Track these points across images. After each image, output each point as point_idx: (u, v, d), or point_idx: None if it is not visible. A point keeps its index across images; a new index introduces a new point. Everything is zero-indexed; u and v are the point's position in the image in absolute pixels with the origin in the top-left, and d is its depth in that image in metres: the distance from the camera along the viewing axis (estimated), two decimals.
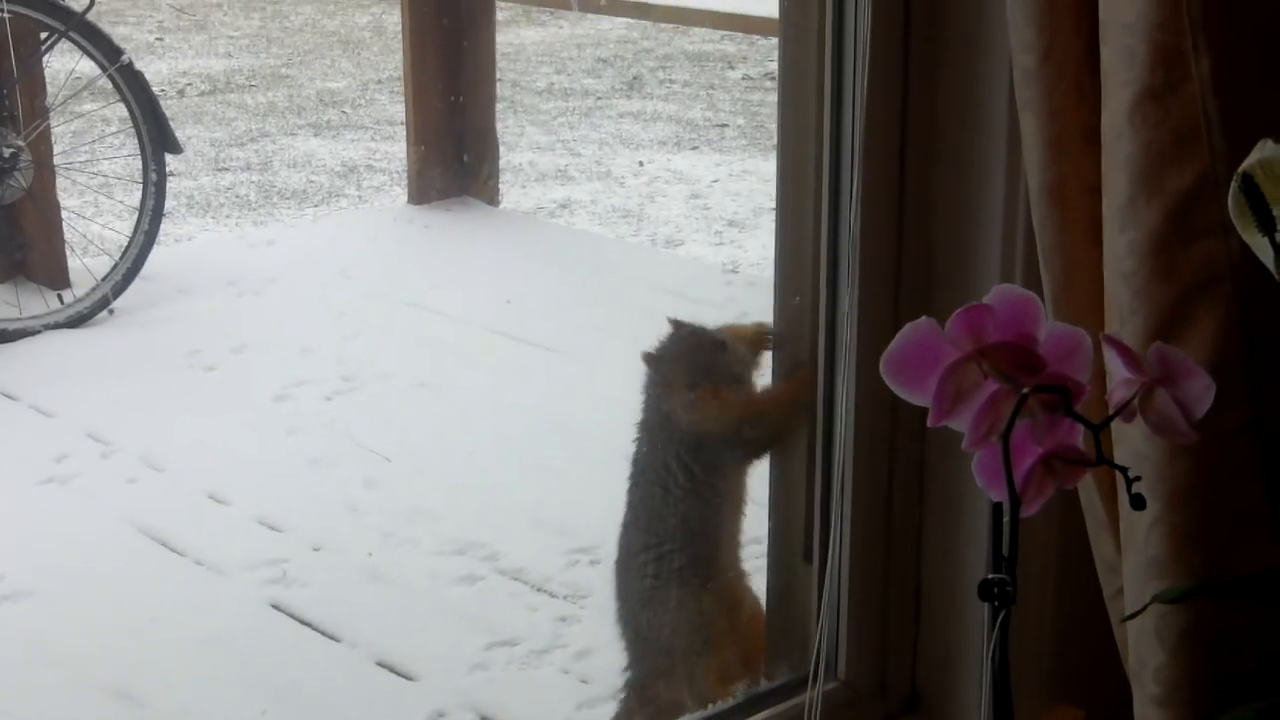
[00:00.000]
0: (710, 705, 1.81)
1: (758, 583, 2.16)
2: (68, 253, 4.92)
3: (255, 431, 3.97)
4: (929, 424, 1.37)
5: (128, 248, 4.69)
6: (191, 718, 2.81)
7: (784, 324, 1.78)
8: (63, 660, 2.98)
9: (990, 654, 1.27)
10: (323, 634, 3.08)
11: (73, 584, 3.26)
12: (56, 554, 3.37)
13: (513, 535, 3.43)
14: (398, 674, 2.94)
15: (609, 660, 2.96)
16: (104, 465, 3.79)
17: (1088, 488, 1.61)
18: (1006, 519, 1.31)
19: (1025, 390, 1.33)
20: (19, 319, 4.52)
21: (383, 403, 4.14)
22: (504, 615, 3.14)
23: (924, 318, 1.36)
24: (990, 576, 1.27)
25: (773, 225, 1.77)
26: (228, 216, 6.21)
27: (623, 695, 2.41)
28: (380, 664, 2.97)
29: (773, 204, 1.75)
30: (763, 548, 3.24)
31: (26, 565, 3.30)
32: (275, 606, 3.18)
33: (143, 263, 4.71)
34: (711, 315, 4.60)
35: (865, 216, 1.60)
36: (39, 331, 4.49)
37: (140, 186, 4.77)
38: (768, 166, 6.59)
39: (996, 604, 1.27)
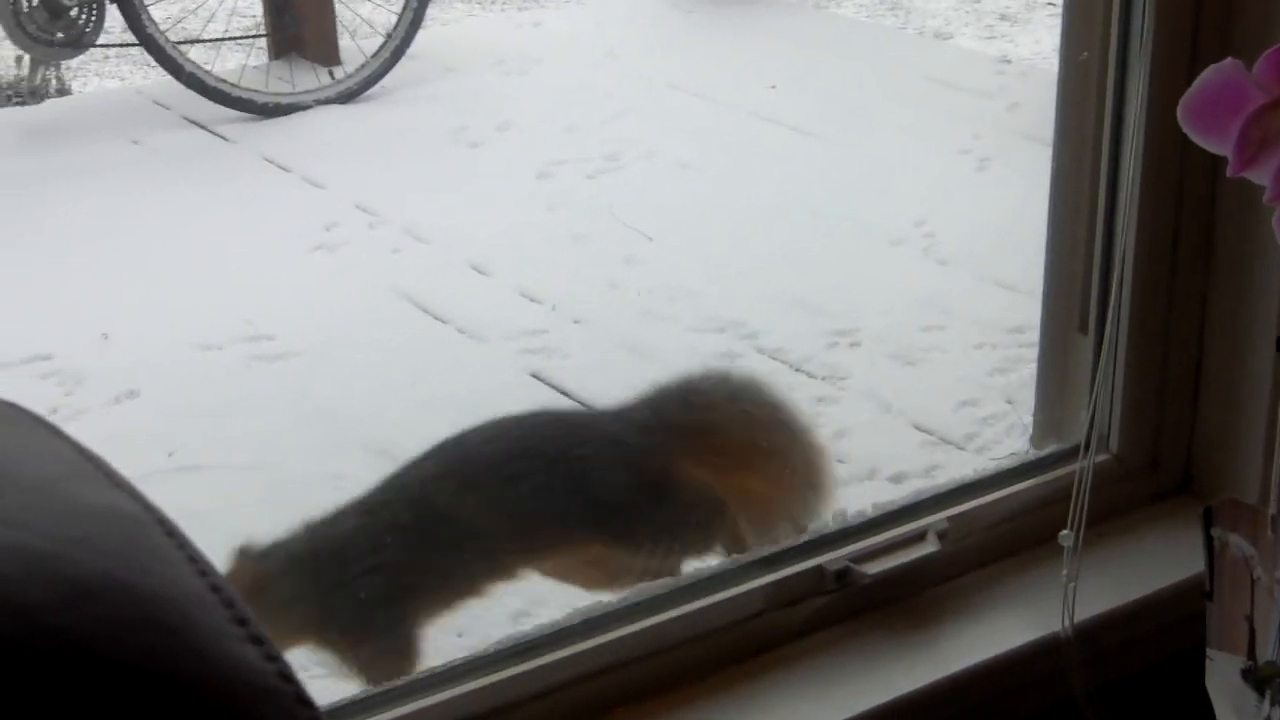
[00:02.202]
0: (976, 470, 1.76)
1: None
2: (339, 31, 4.97)
3: (518, 207, 3.98)
4: (1229, 173, 1.29)
5: (396, 26, 4.71)
6: None
7: (1069, 84, 1.69)
8: (327, 417, 3.05)
9: None
10: (580, 403, 3.10)
11: (339, 346, 3.33)
12: (324, 317, 3.45)
13: (772, 315, 3.40)
14: None
15: (866, 441, 2.94)
16: (371, 235, 3.85)
17: None
18: None
19: None
20: (291, 94, 4.59)
21: (645, 182, 4.12)
22: None
23: (1229, 59, 1.28)
24: None
25: (1047, 20, 1.68)
26: (493, 2, 6.21)
27: None
28: None
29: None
30: (999, 353, 3.19)
31: (296, 327, 3.38)
32: (535, 375, 3.21)
33: (410, 41, 4.73)
34: (981, 104, 4.50)
35: None
36: (310, 106, 4.56)
37: None
38: None
39: None
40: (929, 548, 1.59)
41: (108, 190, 4.08)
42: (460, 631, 2.46)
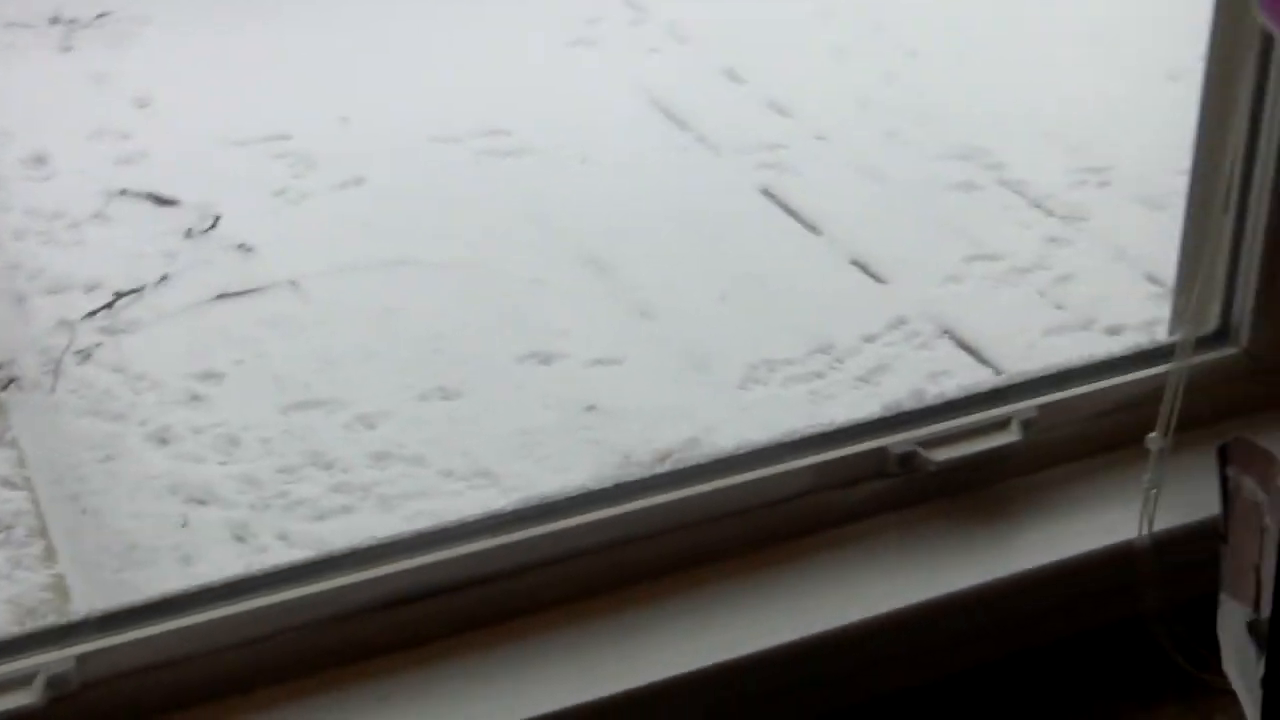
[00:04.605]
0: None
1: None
2: None
3: (783, 12, 3.85)
4: None
5: None
6: (652, 291, 2.80)
7: None
8: (547, 220, 3.02)
9: None
10: (804, 224, 3.01)
11: (575, 147, 3.28)
12: (567, 116, 3.40)
13: (1022, 146, 3.22)
14: (868, 274, 2.85)
15: (1091, 288, 2.79)
16: (631, 32, 3.78)
17: None
18: None
19: None
20: None
21: None
22: (992, 228, 2.98)
23: None
24: None
25: None
26: None
27: None
28: (854, 262, 2.88)
29: None
30: None
31: (537, 123, 3.35)
32: (765, 192, 3.12)
33: None
34: None
35: None
36: None
37: None
38: None
39: None
40: (1010, 437, 1.49)
41: None
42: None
